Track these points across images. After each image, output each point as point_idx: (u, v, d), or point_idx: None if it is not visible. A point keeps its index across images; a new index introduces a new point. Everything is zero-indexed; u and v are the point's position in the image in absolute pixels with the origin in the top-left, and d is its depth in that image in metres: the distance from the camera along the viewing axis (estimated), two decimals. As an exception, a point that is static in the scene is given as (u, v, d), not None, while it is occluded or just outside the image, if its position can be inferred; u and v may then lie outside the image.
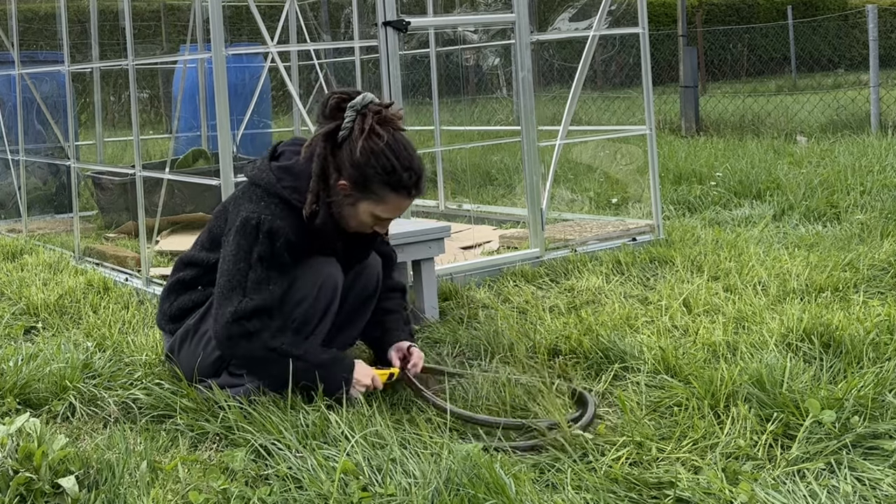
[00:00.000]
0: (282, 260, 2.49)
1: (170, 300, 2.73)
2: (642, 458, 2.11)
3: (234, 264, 2.47)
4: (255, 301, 2.44)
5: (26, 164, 6.07)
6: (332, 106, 2.48)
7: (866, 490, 1.93)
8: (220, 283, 2.49)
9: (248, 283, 2.44)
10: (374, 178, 2.44)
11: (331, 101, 2.48)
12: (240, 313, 2.43)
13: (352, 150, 2.44)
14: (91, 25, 5.73)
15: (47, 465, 2.07)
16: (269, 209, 2.49)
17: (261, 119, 7.01)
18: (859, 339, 2.66)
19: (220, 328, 2.46)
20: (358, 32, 6.51)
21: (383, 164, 2.43)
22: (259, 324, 2.44)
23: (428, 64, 5.99)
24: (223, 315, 2.45)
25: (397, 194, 2.48)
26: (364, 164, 2.43)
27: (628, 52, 13.09)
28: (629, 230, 4.45)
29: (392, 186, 2.46)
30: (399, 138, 2.47)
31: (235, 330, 2.43)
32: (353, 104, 2.45)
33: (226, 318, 2.44)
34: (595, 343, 2.84)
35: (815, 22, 17.46)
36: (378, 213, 2.52)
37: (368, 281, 2.73)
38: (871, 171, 5.82)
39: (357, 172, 2.45)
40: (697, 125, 9.91)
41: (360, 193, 2.48)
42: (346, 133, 2.45)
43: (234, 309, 2.43)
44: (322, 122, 2.50)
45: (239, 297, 2.44)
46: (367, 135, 2.42)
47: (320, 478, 2.04)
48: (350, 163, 2.44)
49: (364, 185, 2.46)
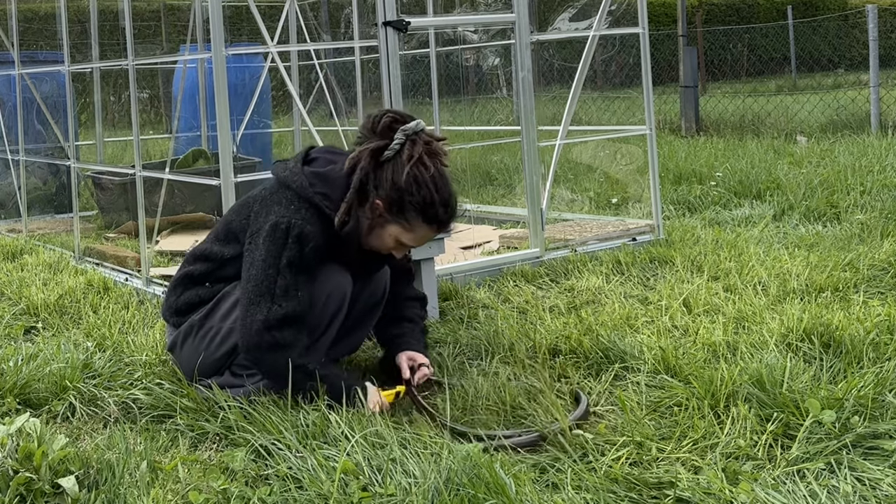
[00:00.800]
0: (310, 265, 2.49)
1: (176, 293, 2.72)
2: (642, 458, 2.11)
3: (263, 270, 2.46)
4: (285, 308, 2.43)
5: (26, 164, 6.07)
6: (384, 125, 2.48)
7: (866, 490, 1.93)
8: (247, 289, 2.48)
9: (276, 289, 2.44)
10: (410, 205, 2.47)
11: (384, 119, 2.49)
12: (271, 322, 2.42)
13: (395, 172, 2.46)
14: (91, 25, 5.73)
15: (47, 465, 2.07)
16: (299, 213, 2.49)
17: (261, 119, 7.01)
18: (859, 339, 2.66)
19: (251, 335, 2.44)
20: (358, 32, 6.51)
21: (424, 195, 2.45)
22: (290, 336, 2.44)
23: (428, 64, 5.99)
24: (253, 322, 2.44)
25: (428, 226, 2.51)
26: (405, 190, 2.45)
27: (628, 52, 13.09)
28: (629, 230, 4.46)
29: (426, 218, 2.49)
30: (443, 173, 2.50)
31: (266, 340, 2.43)
32: (406, 128, 2.46)
33: (256, 325, 2.43)
34: (595, 343, 2.84)
35: (815, 22, 17.47)
36: (403, 240, 2.54)
37: (376, 289, 2.73)
38: (871, 171, 5.82)
39: (396, 195, 2.46)
40: (697, 125, 9.91)
41: (392, 216, 2.50)
42: (392, 154, 2.47)
43: (265, 317, 2.42)
44: (369, 136, 2.51)
45: (268, 304, 2.43)
46: (416, 163, 2.44)
47: (320, 478, 2.04)
48: (391, 185, 2.46)
49: (399, 210, 2.48)
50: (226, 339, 2.59)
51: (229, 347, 2.59)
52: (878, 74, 9.10)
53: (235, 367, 2.61)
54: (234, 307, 2.59)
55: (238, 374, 2.60)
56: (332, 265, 2.58)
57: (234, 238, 2.62)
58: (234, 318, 2.58)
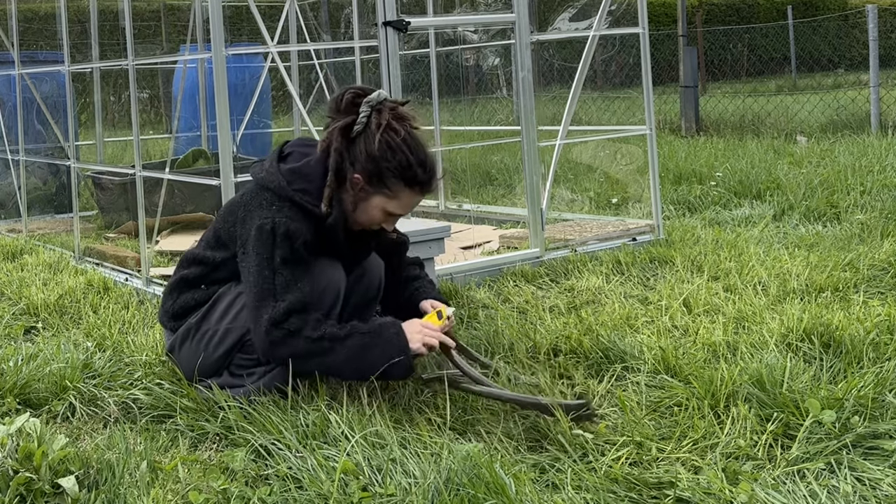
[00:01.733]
0: (303, 259, 2.49)
1: (172, 297, 2.72)
2: (642, 458, 2.11)
3: (259, 274, 2.45)
4: (288, 301, 2.42)
5: (26, 164, 6.07)
6: (347, 101, 2.50)
7: (866, 490, 1.93)
8: (250, 298, 2.47)
9: (276, 287, 2.43)
10: (389, 172, 2.47)
11: (346, 96, 2.50)
12: (276, 317, 2.41)
13: (367, 144, 2.46)
14: (91, 25, 5.73)
15: (47, 465, 2.07)
16: (281, 213, 2.48)
17: (261, 119, 7.01)
18: (859, 339, 2.66)
19: (261, 338, 2.43)
20: (358, 32, 6.51)
21: (399, 158, 2.46)
22: (297, 321, 2.42)
23: (428, 64, 5.99)
24: (261, 325, 2.43)
25: (410, 190, 2.50)
26: (380, 157, 2.45)
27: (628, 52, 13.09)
28: (629, 230, 4.45)
29: (406, 181, 2.48)
30: (415, 135, 2.50)
31: (276, 334, 2.41)
32: (369, 100, 2.47)
33: (263, 326, 2.42)
34: (595, 343, 2.84)
35: (815, 22, 17.46)
36: (389, 209, 2.53)
37: (370, 284, 2.73)
38: (871, 171, 5.82)
39: (373, 166, 2.47)
40: (697, 125, 9.91)
41: (373, 188, 2.50)
42: (361, 128, 2.47)
43: (270, 315, 2.41)
44: (336, 117, 2.52)
45: (272, 303, 2.43)
46: (385, 129, 2.45)
47: (320, 478, 2.04)
48: (366, 156, 2.46)
49: (379, 179, 2.48)
50: (223, 339, 2.59)
51: (227, 348, 2.59)
52: (878, 74, 9.10)
53: (234, 367, 2.61)
54: (229, 308, 2.59)
55: (237, 374, 2.60)
56: (324, 260, 2.57)
57: (223, 244, 2.63)
58: (230, 318, 2.58)
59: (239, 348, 2.59)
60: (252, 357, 2.58)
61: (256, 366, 2.58)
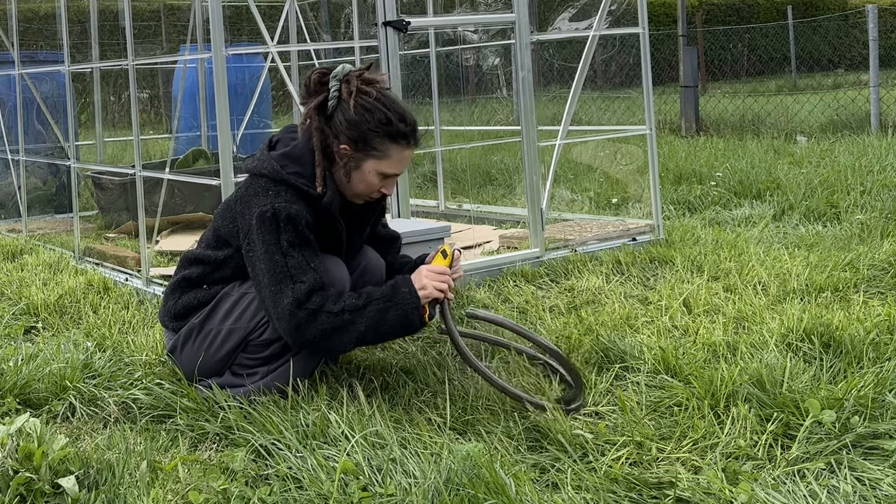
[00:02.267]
0: (309, 240, 2.50)
1: (174, 297, 2.72)
2: (642, 458, 2.11)
3: (269, 261, 2.45)
4: (307, 283, 2.43)
5: (26, 164, 6.07)
6: (315, 81, 2.56)
7: (866, 490, 1.93)
8: (263, 284, 2.47)
9: (291, 270, 2.44)
10: (371, 132, 2.51)
11: (313, 77, 2.57)
12: (299, 298, 2.41)
13: (344, 113, 2.51)
14: (91, 25, 5.73)
15: (47, 465, 2.07)
16: (279, 197, 2.50)
17: (261, 119, 7.01)
18: (859, 339, 2.66)
19: (286, 321, 2.42)
20: (358, 32, 6.51)
21: (378, 117, 2.51)
22: (318, 299, 2.42)
23: (428, 64, 5.99)
24: (284, 308, 2.42)
25: (397, 145, 2.54)
26: (359, 121, 2.50)
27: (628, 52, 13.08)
28: (629, 230, 4.45)
29: (391, 137, 2.53)
30: (387, 93, 2.56)
31: (301, 316, 2.41)
32: (335, 74, 2.54)
33: (287, 309, 2.42)
34: (595, 343, 2.84)
35: (815, 22, 17.46)
36: (383, 170, 2.56)
37: (372, 281, 2.73)
38: (871, 171, 5.82)
39: (355, 131, 2.51)
40: (697, 125, 9.91)
41: (361, 153, 2.53)
42: (335, 101, 2.53)
43: (292, 298, 2.41)
44: (308, 98, 2.57)
45: (290, 285, 2.43)
46: (357, 94, 2.50)
47: (320, 478, 2.04)
48: (346, 125, 2.51)
49: (364, 142, 2.52)
50: (227, 339, 2.59)
51: (231, 348, 2.59)
52: (878, 74, 9.10)
53: (236, 366, 2.61)
54: (233, 308, 2.59)
55: (239, 373, 2.60)
56: (327, 257, 2.58)
57: (225, 242, 2.63)
58: (234, 318, 2.58)
59: (243, 348, 2.59)
60: (256, 357, 2.58)
61: (259, 366, 2.58)
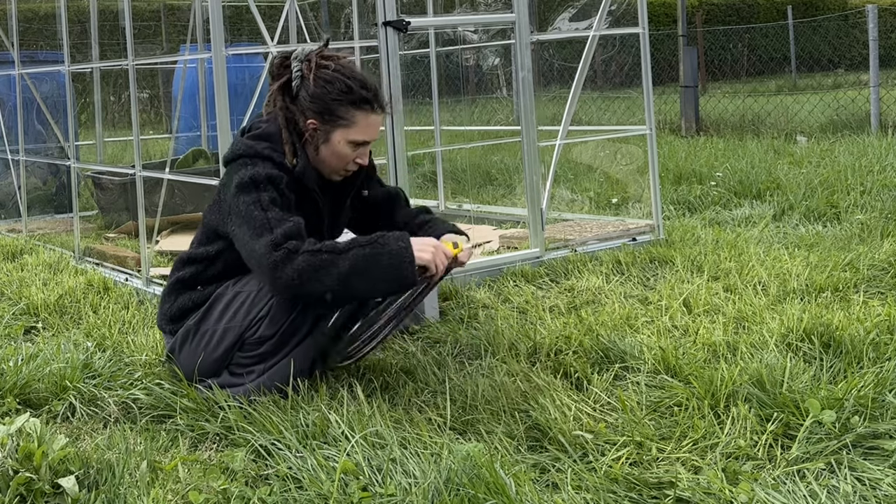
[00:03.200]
0: (290, 200, 2.53)
1: (170, 301, 2.73)
2: (642, 458, 2.11)
3: (249, 216, 2.45)
4: (284, 228, 2.43)
5: (26, 164, 6.07)
6: (277, 64, 2.65)
7: (866, 490, 1.93)
8: (245, 242, 2.46)
9: (270, 222, 2.44)
10: (334, 102, 2.56)
11: (275, 61, 2.66)
12: (276, 240, 2.40)
13: (307, 89, 2.58)
14: (91, 25, 5.73)
15: (47, 465, 2.07)
16: (257, 167, 2.54)
17: (261, 119, 7.00)
18: (859, 339, 2.66)
19: (263, 264, 2.40)
20: (358, 32, 6.51)
21: (338, 86, 2.56)
22: (295, 242, 2.42)
23: (428, 64, 6.00)
24: (260, 252, 2.41)
25: (361, 111, 2.59)
26: (321, 93, 2.56)
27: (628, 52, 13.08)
28: (629, 230, 4.45)
29: (354, 104, 2.57)
30: (346, 63, 2.62)
31: (277, 255, 2.39)
32: (296, 55, 2.62)
33: (262, 252, 2.40)
34: (595, 343, 2.84)
35: (815, 22, 17.46)
36: (352, 138, 2.60)
37: None
38: (871, 171, 5.82)
39: (319, 104, 2.57)
40: (697, 125, 9.91)
41: (328, 124, 2.58)
42: (299, 80, 2.59)
43: (269, 241, 2.40)
44: (272, 83, 2.64)
45: (268, 234, 2.42)
46: (316, 68, 2.57)
47: (320, 478, 2.04)
48: (310, 99, 2.57)
49: (329, 113, 2.57)
50: (222, 339, 2.60)
51: (226, 347, 2.60)
52: (878, 74, 9.10)
53: (233, 366, 2.61)
54: (227, 307, 2.60)
55: (237, 373, 2.60)
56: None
57: (215, 234, 2.66)
58: (228, 317, 2.59)
59: (238, 347, 2.59)
60: (251, 355, 2.58)
61: (256, 364, 2.58)
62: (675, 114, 10.58)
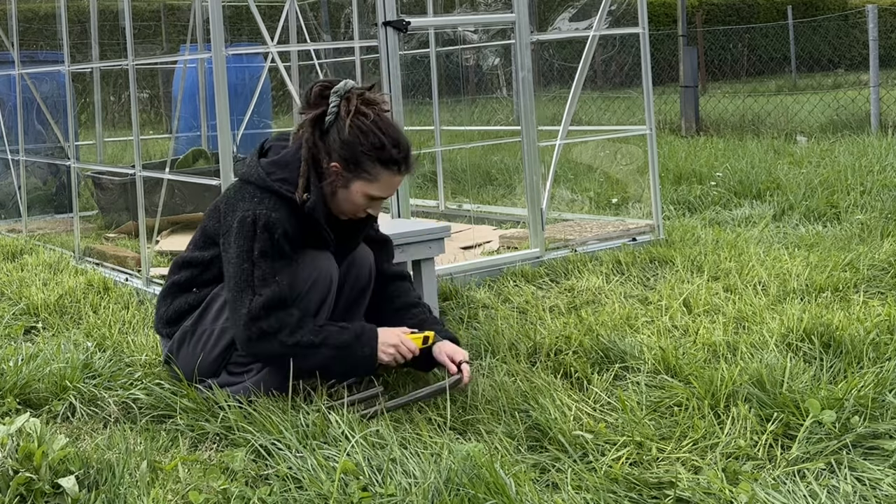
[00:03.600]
0: (283, 251, 2.51)
1: (166, 304, 2.73)
2: (642, 458, 2.11)
3: (237, 266, 2.48)
4: (265, 296, 2.44)
5: (26, 164, 6.07)
6: (315, 94, 2.55)
7: (866, 490, 1.93)
8: (228, 288, 2.51)
9: (255, 280, 2.46)
10: (364, 155, 2.50)
11: (314, 89, 2.56)
12: (253, 312, 2.44)
13: (339, 132, 2.51)
14: (91, 25, 5.73)
15: (47, 465, 2.07)
16: (262, 204, 2.51)
17: (261, 119, 7.01)
18: (859, 339, 2.66)
19: (239, 331, 2.47)
20: (358, 32, 6.51)
21: (372, 140, 2.49)
22: (275, 322, 2.44)
23: (428, 64, 5.99)
24: (239, 318, 2.46)
25: (388, 170, 2.53)
26: (353, 142, 2.49)
27: (628, 52, 13.08)
28: (629, 230, 4.45)
29: (382, 162, 2.51)
30: (384, 117, 2.54)
31: (253, 331, 2.45)
32: (336, 90, 2.52)
33: (242, 320, 2.46)
34: (595, 343, 2.84)
35: (815, 22, 17.46)
36: (371, 192, 2.55)
37: (360, 272, 2.73)
38: (871, 171, 5.82)
39: (347, 151, 2.50)
40: (697, 125, 9.91)
41: (351, 173, 2.52)
42: (333, 118, 2.52)
43: (248, 309, 2.44)
44: (307, 110, 2.57)
45: (249, 296, 2.45)
46: (354, 114, 2.49)
47: (320, 478, 2.04)
48: (339, 144, 2.51)
49: (356, 164, 2.51)
50: (220, 338, 2.60)
51: (224, 346, 2.60)
52: (878, 74, 9.09)
53: (232, 365, 2.61)
54: (223, 308, 2.60)
55: (235, 372, 2.60)
56: (313, 252, 2.58)
57: (212, 242, 2.65)
58: (224, 317, 2.59)
59: (235, 346, 2.59)
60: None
61: (254, 362, 2.58)
62: (675, 114, 10.58)
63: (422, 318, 2.72)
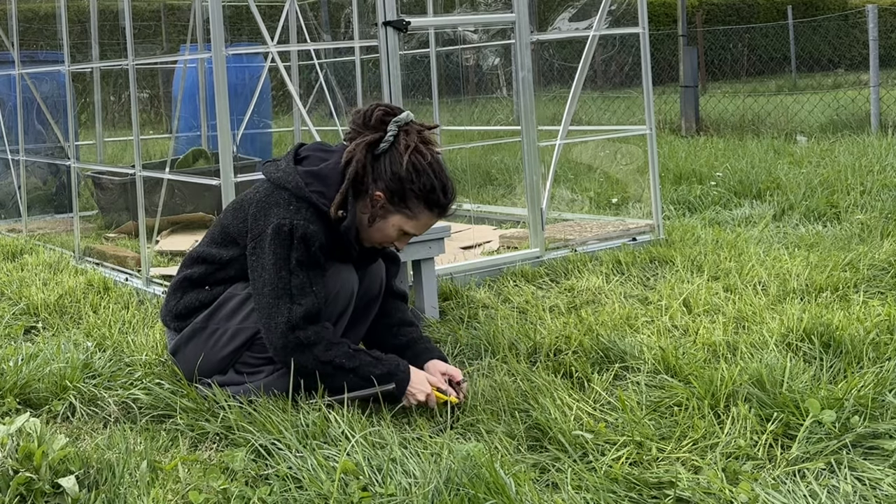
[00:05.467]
0: (319, 262, 2.51)
1: (176, 297, 2.72)
2: (642, 458, 2.11)
3: (275, 273, 2.47)
4: (305, 306, 2.45)
5: (26, 164, 6.07)
6: (377, 118, 2.53)
7: (866, 490, 1.93)
8: (262, 293, 2.49)
9: (293, 289, 2.46)
10: (412, 193, 2.51)
11: (376, 112, 2.54)
12: (294, 321, 2.44)
13: (392, 163, 2.50)
14: (91, 25, 5.73)
15: (47, 465, 2.07)
16: (300, 214, 2.50)
17: (261, 119, 7.01)
18: (859, 339, 2.66)
19: (277, 339, 2.46)
20: (358, 32, 6.51)
21: (424, 181, 2.50)
22: (313, 334, 2.45)
23: (428, 64, 6.00)
24: (277, 325, 2.45)
25: (430, 212, 2.55)
26: (406, 178, 2.49)
27: (628, 52, 13.08)
28: (629, 230, 4.45)
29: (428, 204, 2.53)
30: (439, 160, 2.55)
31: (292, 340, 2.44)
32: (398, 119, 2.52)
33: (280, 328, 2.45)
34: (595, 343, 2.84)
35: (815, 22, 17.46)
36: (406, 229, 2.57)
37: (372, 283, 2.74)
38: (871, 171, 5.82)
39: (397, 185, 2.50)
40: (697, 125, 9.91)
41: (394, 206, 2.53)
42: (388, 146, 2.51)
43: (287, 318, 2.44)
44: (362, 130, 2.54)
45: (287, 304, 2.45)
46: (413, 151, 2.49)
47: (320, 478, 2.04)
48: (391, 175, 2.50)
49: (401, 199, 2.52)
50: (233, 338, 2.59)
51: (236, 346, 2.59)
52: (878, 74, 9.10)
53: (240, 364, 2.61)
54: (239, 307, 2.59)
55: (242, 371, 2.60)
56: (339, 264, 2.60)
57: (233, 241, 2.63)
58: (240, 318, 2.58)
59: (248, 347, 2.59)
60: (262, 356, 2.58)
61: (265, 364, 2.58)
62: (675, 114, 10.58)
63: (413, 336, 2.73)
